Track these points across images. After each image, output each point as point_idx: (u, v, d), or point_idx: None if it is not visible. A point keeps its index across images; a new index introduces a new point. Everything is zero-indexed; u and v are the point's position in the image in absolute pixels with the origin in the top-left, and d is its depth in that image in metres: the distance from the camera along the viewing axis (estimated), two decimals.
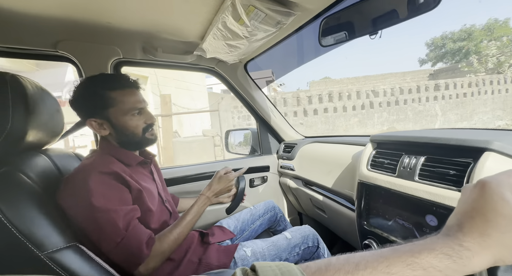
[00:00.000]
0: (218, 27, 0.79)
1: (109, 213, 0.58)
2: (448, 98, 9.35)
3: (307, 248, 0.88)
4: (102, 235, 0.58)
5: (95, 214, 0.57)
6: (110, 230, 0.58)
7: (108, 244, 0.58)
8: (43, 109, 0.61)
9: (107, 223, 0.58)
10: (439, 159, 0.58)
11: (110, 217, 0.58)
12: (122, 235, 0.59)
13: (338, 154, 1.04)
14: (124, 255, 0.58)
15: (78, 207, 0.58)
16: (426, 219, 0.57)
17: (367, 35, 0.58)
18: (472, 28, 13.95)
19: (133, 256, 0.59)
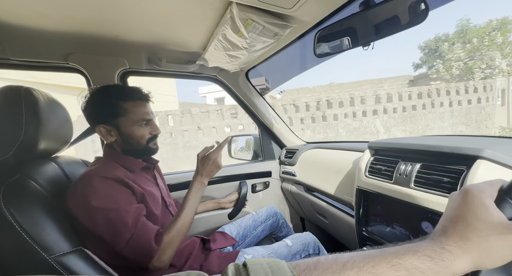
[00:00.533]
0: (218, 39, 0.83)
1: (117, 211, 0.61)
2: (392, 112, 8.15)
3: (308, 256, 0.88)
4: (113, 234, 0.61)
5: (104, 214, 0.60)
6: (120, 228, 0.61)
7: (119, 242, 0.60)
8: (53, 119, 0.65)
9: (116, 221, 0.61)
10: (434, 166, 0.59)
11: (118, 215, 0.61)
12: (131, 232, 0.62)
13: (338, 159, 1.05)
14: (135, 251, 0.61)
15: (86, 211, 0.60)
16: (422, 225, 0.57)
17: (360, 46, 0.60)
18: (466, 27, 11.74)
19: (144, 251, 0.61)
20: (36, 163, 0.63)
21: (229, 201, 1.26)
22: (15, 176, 0.53)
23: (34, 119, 0.57)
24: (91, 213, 0.60)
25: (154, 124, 0.78)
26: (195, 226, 1.17)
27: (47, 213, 0.53)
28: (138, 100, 0.74)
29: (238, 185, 1.33)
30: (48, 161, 0.68)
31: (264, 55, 1.05)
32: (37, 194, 0.54)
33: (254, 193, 1.39)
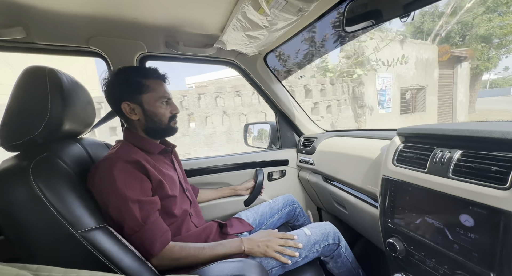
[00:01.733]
0: (237, 18, 0.79)
1: (127, 202, 0.62)
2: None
3: (327, 245, 0.86)
4: (122, 222, 0.62)
5: (117, 200, 0.62)
6: (129, 219, 0.62)
7: (127, 230, 0.62)
8: (77, 101, 0.66)
9: (126, 212, 0.62)
10: (479, 153, 0.52)
11: (128, 207, 0.62)
12: (140, 226, 0.62)
13: (360, 148, 0.99)
14: (138, 244, 0.62)
15: (104, 193, 0.62)
16: (461, 218, 0.52)
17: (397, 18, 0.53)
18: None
19: (144, 248, 0.62)
20: (62, 142, 0.64)
21: (245, 188, 1.25)
22: (43, 153, 0.55)
23: (59, 100, 0.58)
24: (107, 195, 0.62)
25: (174, 104, 0.80)
26: (212, 211, 1.18)
27: (72, 190, 0.54)
28: (158, 79, 0.76)
29: (254, 172, 1.32)
30: (73, 141, 0.70)
31: (284, 37, 0.99)
32: (64, 171, 0.56)
33: (270, 181, 1.38)
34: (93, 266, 0.51)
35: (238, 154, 1.37)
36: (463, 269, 0.51)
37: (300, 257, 0.81)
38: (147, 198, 0.66)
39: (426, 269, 0.60)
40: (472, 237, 0.50)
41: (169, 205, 0.73)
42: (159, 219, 0.68)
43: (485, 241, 0.48)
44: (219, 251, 0.72)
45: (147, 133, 0.77)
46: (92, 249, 0.51)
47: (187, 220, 0.81)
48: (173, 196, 0.74)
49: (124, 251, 0.56)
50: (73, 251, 0.51)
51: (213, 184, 1.25)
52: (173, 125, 0.80)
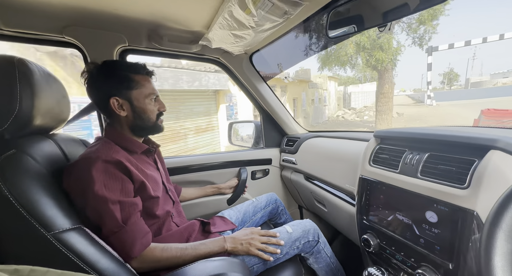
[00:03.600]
0: (224, 17, 0.78)
1: (107, 204, 0.59)
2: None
3: (307, 242, 0.89)
4: (101, 223, 0.59)
5: (96, 202, 0.59)
6: (108, 220, 0.59)
7: (105, 231, 0.59)
8: (50, 94, 0.62)
9: (105, 213, 0.59)
10: (443, 156, 0.58)
11: (108, 208, 0.59)
12: (119, 226, 0.60)
13: (340, 148, 1.04)
14: (117, 246, 0.60)
15: (81, 194, 0.59)
16: (426, 215, 0.57)
17: (376, 27, 0.56)
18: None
19: (124, 250, 0.60)
20: (33, 139, 0.60)
21: (228, 186, 1.26)
22: (11, 150, 0.51)
23: (30, 92, 0.54)
24: (84, 197, 0.59)
25: (161, 101, 0.79)
26: (194, 210, 1.17)
27: (45, 190, 0.51)
28: (147, 75, 0.75)
29: (238, 171, 1.32)
30: (45, 137, 0.65)
31: (271, 37, 1.00)
32: (34, 169, 0.52)
33: (254, 179, 1.39)
34: (68, 269, 0.49)
35: (222, 152, 1.36)
36: (427, 261, 0.56)
37: (281, 254, 0.84)
38: (128, 199, 0.64)
39: (396, 262, 0.65)
40: (436, 232, 0.55)
41: (151, 206, 0.72)
42: (140, 220, 0.66)
43: (446, 235, 0.53)
44: (202, 251, 0.71)
45: (133, 131, 0.75)
46: (65, 251, 0.48)
47: (168, 220, 0.79)
48: (156, 197, 0.72)
49: (100, 253, 0.54)
50: (47, 253, 0.48)
51: (196, 183, 1.24)
52: (160, 123, 0.79)
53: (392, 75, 7.75)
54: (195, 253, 0.70)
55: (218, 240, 0.76)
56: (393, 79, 7.85)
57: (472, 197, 0.48)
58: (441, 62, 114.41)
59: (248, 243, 0.77)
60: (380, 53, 7.30)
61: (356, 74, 24.12)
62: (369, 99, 25.28)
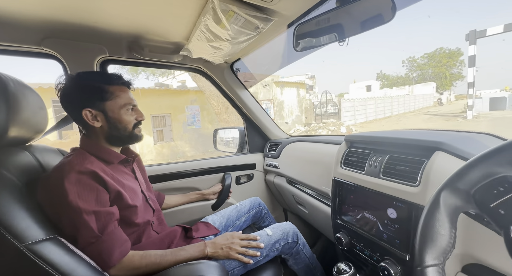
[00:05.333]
0: (201, 30, 0.82)
1: (82, 214, 0.59)
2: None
3: (287, 244, 0.92)
4: (76, 234, 0.59)
5: (70, 214, 0.59)
6: (84, 231, 0.59)
7: (82, 242, 0.59)
8: (25, 106, 0.63)
9: (80, 224, 0.59)
10: (400, 157, 0.64)
11: (83, 219, 0.59)
12: (96, 237, 0.60)
13: (317, 152, 1.09)
14: (95, 256, 0.59)
15: (54, 206, 0.59)
16: (388, 212, 0.62)
17: (336, 42, 0.62)
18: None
19: (101, 259, 0.60)
20: (7, 150, 0.61)
21: (212, 192, 1.27)
22: None
23: (3, 104, 0.55)
24: (57, 208, 0.59)
25: (139, 111, 0.79)
26: (179, 217, 1.18)
27: (18, 201, 0.52)
28: (124, 86, 0.75)
29: (222, 176, 1.35)
30: (21, 149, 0.66)
31: (249, 48, 1.05)
32: (8, 181, 0.53)
33: (238, 184, 1.42)
34: None
35: (207, 158, 1.39)
36: (389, 254, 0.61)
37: (261, 256, 0.86)
38: (103, 209, 0.63)
39: (364, 257, 0.70)
40: (395, 227, 0.60)
41: (129, 215, 0.72)
42: (118, 229, 0.66)
43: (404, 229, 0.58)
44: (182, 256, 0.72)
45: (109, 141, 0.75)
46: (39, 261, 0.49)
47: (149, 228, 0.80)
48: (134, 206, 0.73)
49: (76, 262, 0.55)
50: (20, 264, 0.49)
51: (180, 190, 1.25)
52: (138, 132, 0.79)
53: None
54: (174, 259, 0.71)
55: (199, 245, 0.77)
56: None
57: (422, 193, 0.54)
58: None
59: (228, 248, 0.79)
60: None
61: (409, 73, 20.72)
62: (414, 104, 20.17)
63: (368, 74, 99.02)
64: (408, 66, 9.93)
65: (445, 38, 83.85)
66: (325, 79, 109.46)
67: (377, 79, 15.71)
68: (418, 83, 22.18)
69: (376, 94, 20.79)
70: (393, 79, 24.09)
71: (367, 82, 25.68)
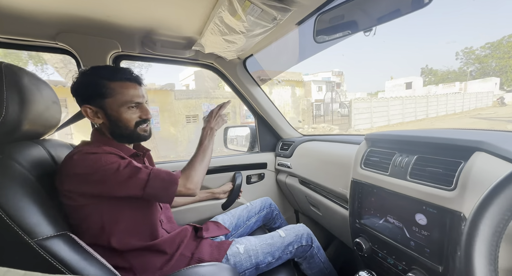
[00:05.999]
0: (215, 22, 0.79)
1: (121, 164, 0.63)
2: None
3: (301, 247, 0.88)
4: (130, 184, 0.62)
5: (114, 171, 0.61)
6: (134, 174, 0.63)
7: (138, 185, 0.63)
8: (39, 100, 0.62)
9: (127, 172, 0.63)
10: (430, 158, 0.58)
11: (126, 167, 0.63)
12: (147, 172, 0.64)
13: (333, 152, 1.04)
14: (158, 185, 0.64)
15: (91, 178, 0.60)
16: (416, 217, 0.57)
17: (362, 32, 0.57)
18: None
19: (166, 181, 0.66)
20: (20, 144, 0.60)
21: (223, 191, 1.25)
22: None
23: (17, 98, 0.54)
24: (98, 176, 0.60)
25: (144, 108, 0.74)
26: (188, 216, 1.16)
27: (30, 196, 0.51)
28: (127, 81, 0.70)
29: (233, 175, 1.32)
30: (34, 143, 0.65)
31: (263, 42, 1.02)
32: (20, 176, 0.52)
33: (249, 184, 1.39)
34: None
35: (217, 157, 1.36)
36: (417, 264, 0.56)
37: (274, 258, 0.83)
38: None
39: (387, 266, 0.65)
40: (425, 234, 0.55)
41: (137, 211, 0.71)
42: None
43: (435, 237, 0.52)
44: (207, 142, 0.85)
45: (114, 138, 0.74)
46: (49, 258, 0.48)
47: (158, 226, 0.78)
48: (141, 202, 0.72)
49: (87, 260, 0.53)
50: (30, 260, 0.47)
51: None
52: (141, 132, 0.74)
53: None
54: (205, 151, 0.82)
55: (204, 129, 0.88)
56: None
57: (458, 198, 0.48)
58: None
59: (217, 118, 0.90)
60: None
61: (464, 67, 15.08)
62: (464, 104, 15.88)
63: (410, 70, 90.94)
64: (463, 59, 8.18)
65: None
66: (358, 77, 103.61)
67: (421, 74, 13.14)
68: (475, 79, 17.84)
69: (417, 93, 17.88)
70: (442, 74, 20.36)
71: (406, 78, 22.21)
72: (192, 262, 0.75)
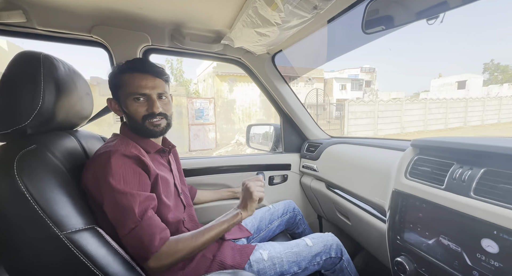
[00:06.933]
0: (248, 14, 0.74)
1: (126, 196, 0.58)
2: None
3: (329, 258, 0.81)
4: (119, 218, 0.58)
5: (114, 195, 0.57)
6: (126, 214, 0.57)
7: (122, 228, 0.57)
8: (73, 91, 0.62)
9: (123, 206, 0.57)
10: (503, 172, 0.48)
11: (127, 201, 0.58)
12: (136, 222, 0.58)
13: (369, 157, 0.94)
14: (135, 244, 0.57)
15: (99, 188, 0.58)
16: (482, 243, 0.47)
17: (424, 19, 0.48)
18: None
19: (142, 247, 0.57)
20: (54, 134, 0.60)
21: None
22: (32, 145, 0.51)
23: (53, 88, 0.54)
24: (103, 189, 0.57)
25: (153, 101, 0.68)
26: (208, 214, 1.14)
27: (61, 187, 0.50)
28: (136, 72, 0.67)
29: (256, 174, 1.27)
30: (67, 134, 0.66)
31: (295, 36, 0.95)
32: (53, 166, 0.52)
33: (271, 185, 1.33)
34: (76, 270, 0.47)
35: (240, 155, 1.32)
36: None
37: (300, 268, 0.77)
38: (145, 193, 0.62)
39: None
40: (496, 266, 0.45)
41: (162, 210, 0.69)
42: (156, 216, 0.63)
43: (511, 271, 0.43)
44: (217, 227, 0.69)
45: (133, 131, 0.72)
46: (77, 252, 0.46)
47: (180, 226, 0.76)
48: (165, 202, 0.70)
49: (112, 255, 0.52)
50: (57, 253, 0.47)
51: (212, 185, 1.21)
52: (150, 126, 0.69)
53: None
54: (210, 235, 0.67)
55: (231, 212, 0.74)
56: None
57: None
58: None
59: (250, 195, 0.73)
60: None
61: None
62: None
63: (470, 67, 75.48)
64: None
65: None
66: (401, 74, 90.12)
67: (484, 72, 10.39)
68: None
69: (473, 94, 14.51)
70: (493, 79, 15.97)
71: (460, 76, 18.67)
72: (214, 265, 0.71)
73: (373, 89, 18.23)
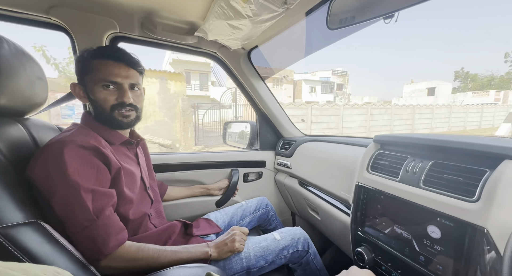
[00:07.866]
0: (220, 5, 0.73)
1: (79, 191, 0.53)
2: None
3: (296, 252, 0.82)
4: (70, 215, 0.52)
5: (65, 189, 0.52)
6: (79, 211, 0.53)
7: (73, 225, 0.52)
8: (20, 73, 0.56)
9: (76, 201, 0.52)
10: (448, 164, 0.52)
11: (80, 197, 0.53)
12: (91, 220, 0.53)
13: (337, 153, 0.98)
14: (86, 243, 0.53)
15: (48, 181, 0.52)
16: (428, 230, 0.51)
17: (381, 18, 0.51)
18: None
19: (94, 247, 0.53)
20: None
21: (218, 188, 1.19)
22: None
23: None
24: (53, 183, 0.52)
25: (124, 90, 0.65)
26: (180, 211, 1.11)
27: None
28: (109, 59, 0.64)
29: (229, 172, 1.26)
30: (13, 121, 0.59)
31: (269, 32, 0.95)
32: None
33: (246, 182, 1.33)
34: None
35: (214, 152, 1.30)
36: None
37: (266, 262, 0.77)
38: (102, 189, 0.57)
39: None
40: (438, 249, 0.49)
41: (123, 206, 0.65)
42: (114, 215, 0.59)
43: (451, 254, 0.46)
44: (183, 255, 0.64)
45: (98, 120, 0.68)
46: (12, 248, 0.42)
47: (146, 221, 0.73)
48: (127, 196, 0.65)
49: (59, 253, 0.48)
50: None
51: (184, 182, 1.17)
52: (118, 116, 0.66)
53: None
54: (174, 257, 0.63)
55: (202, 246, 0.69)
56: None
57: (482, 212, 0.42)
58: None
59: (231, 241, 0.72)
60: None
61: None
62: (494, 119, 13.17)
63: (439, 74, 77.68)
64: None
65: None
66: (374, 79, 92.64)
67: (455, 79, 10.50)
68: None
69: (440, 101, 14.78)
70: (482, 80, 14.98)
71: (430, 83, 18.46)
72: (180, 263, 0.69)
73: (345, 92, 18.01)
